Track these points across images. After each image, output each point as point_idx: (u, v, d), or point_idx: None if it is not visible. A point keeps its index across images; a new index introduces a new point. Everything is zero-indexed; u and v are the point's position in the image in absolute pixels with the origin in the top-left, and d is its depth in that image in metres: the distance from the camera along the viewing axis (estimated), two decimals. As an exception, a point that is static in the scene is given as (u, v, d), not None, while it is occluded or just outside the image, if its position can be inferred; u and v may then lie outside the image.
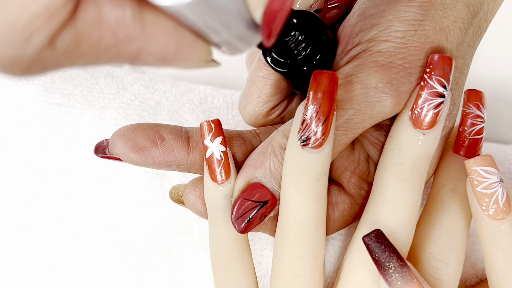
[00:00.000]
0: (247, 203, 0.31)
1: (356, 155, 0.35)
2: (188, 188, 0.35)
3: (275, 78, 0.34)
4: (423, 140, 0.30)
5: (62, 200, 0.42)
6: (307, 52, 0.31)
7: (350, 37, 0.31)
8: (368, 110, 0.30)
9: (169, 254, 0.42)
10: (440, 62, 0.29)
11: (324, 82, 0.28)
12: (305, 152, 0.29)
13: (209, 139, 0.32)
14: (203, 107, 0.43)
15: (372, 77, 0.29)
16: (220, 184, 0.32)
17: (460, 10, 0.30)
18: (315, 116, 0.28)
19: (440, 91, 0.29)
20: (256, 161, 0.32)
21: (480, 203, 0.30)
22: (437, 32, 0.30)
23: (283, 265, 0.32)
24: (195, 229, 0.41)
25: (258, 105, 0.35)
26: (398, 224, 0.31)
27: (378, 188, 0.31)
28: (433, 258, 0.32)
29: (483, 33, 0.33)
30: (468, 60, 0.32)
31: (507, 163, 0.41)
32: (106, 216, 0.42)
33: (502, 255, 0.31)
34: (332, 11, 0.35)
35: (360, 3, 0.32)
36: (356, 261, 0.32)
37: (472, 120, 0.33)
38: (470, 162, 0.30)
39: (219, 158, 0.32)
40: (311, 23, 0.31)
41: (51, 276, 0.41)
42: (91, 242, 0.42)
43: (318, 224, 0.31)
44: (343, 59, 0.31)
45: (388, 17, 0.30)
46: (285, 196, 0.31)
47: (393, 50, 0.30)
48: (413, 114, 0.30)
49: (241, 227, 0.31)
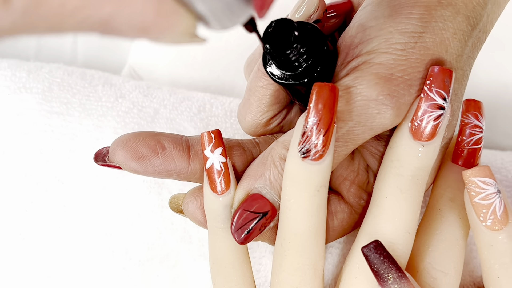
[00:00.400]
0: (247, 214, 0.31)
1: (355, 164, 0.36)
2: (188, 197, 0.35)
3: (274, 88, 0.34)
4: (422, 151, 0.30)
5: (61, 208, 0.42)
6: (308, 64, 0.31)
7: (350, 49, 0.31)
8: (369, 122, 0.30)
9: (168, 262, 0.42)
10: (440, 74, 0.29)
11: (325, 95, 0.28)
12: (305, 164, 0.29)
13: (209, 149, 0.32)
14: (202, 115, 0.43)
15: (373, 89, 0.30)
16: (220, 195, 0.32)
17: (460, 22, 0.31)
18: (316, 128, 0.29)
19: (440, 103, 0.30)
20: (256, 171, 0.32)
21: (477, 213, 0.30)
22: (437, 44, 0.30)
23: (283, 276, 0.32)
24: (194, 238, 0.42)
25: (257, 115, 0.35)
26: (397, 235, 0.31)
27: (377, 199, 0.32)
28: (431, 268, 0.32)
29: (482, 44, 0.33)
30: (467, 71, 0.32)
31: (504, 170, 0.42)
32: (105, 224, 0.42)
33: (499, 265, 0.31)
34: (331, 21, 0.35)
35: (360, 15, 0.32)
36: (355, 271, 0.32)
37: (470, 130, 0.33)
38: (468, 173, 0.31)
39: (219, 169, 0.32)
40: (312, 35, 0.31)
41: (50, 284, 0.41)
42: (90, 250, 0.42)
43: (318, 235, 0.31)
44: (343, 71, 0.31)
45: (389, 29, 0.30)
46: (285, 208, 0.31)
47: (393, 62, 0.30)
48: (413, 126, 0.30)
49: (241, 238, 0.31)
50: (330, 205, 0.35)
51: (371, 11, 0.31)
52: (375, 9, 0.31)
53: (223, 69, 0.52)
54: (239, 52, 0.51)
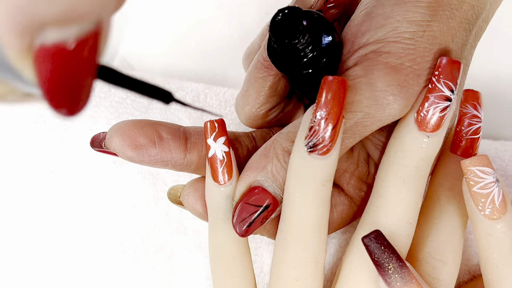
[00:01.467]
0: (248, 207, 0.31)
1: (355, 156, 0.35)
2: (187, 189, 0.34)
3: (273, 80, 0.34)
4: (427, 142, 0.30)
5: (54, 200, 0.41)
6: (314, 54, 0.30)
7: (357, 37, 0.31)
8: (378, 113, 0.30)
9: (163, 254, 0.41)
10: (449, 65, 0.29)
11: (334, 88, 0.28)
12: (311, 158, 0.29)
13: (212, 138, 0.32)
14: (196, 105, 0.42)
15: (383, 80, 0.29)
16: (222, 185, 0.32)
17: (466, 11, 0.30)
18: (324, 122, 0.28)
19: (447, 94, 0.29)
20: (258, 163, 0.32)
21: (476, 203, 0.30)
22: (444, 33, 0.30)
23: (284, 269, 0.32)
24: (189, 229, 0.41)
25: (255, 106, 0.35)
26: (398, 226, 0.31)
27: (380, 189, 0.31)
28: (431, 257, 0.33)
29: (482, 33, 0.33)
30: (469, 60, 0.32)
31: (498, 159, 0.42)
32: (99, 216, 0.41)
33: (498, 254, 0.31)
34: (331, 11, 0.34)
35: (365, 3, 0.32)
36: (356, 261, 0.32)
37: (469, 120, 0.33)
38: (467, 162, 0.31)
39: (221, 159, 0.32)
40: (319, 25, 0.31)
41: (43, 277, 0.41)
42: (84, 242, 0.41)
43: (321, 229, 0.31)
44: (350, 60, 0.31)
45: (396, 17, 0.30)
46: (288, 201, 0.30)
47: (403, 52, 0.29)
48: (419, 117, 0.30)
49: (242, 231, 0.31)
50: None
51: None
52: None
53: (215, 59, 0.51)
54: (231, 42, 0.51)
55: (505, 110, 0.50)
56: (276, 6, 0.50)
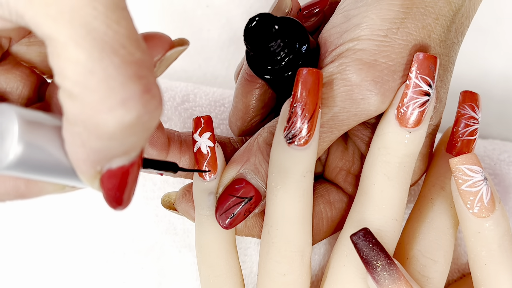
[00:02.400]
0: (232, 199, 0.32)
1: (350, 154, 0.36)
2: (180, 194, 0.35)
3: (259, 92, 0.35)
4: (409, 138, 0.30)
5: (43, 201, 0.41)
6: (290, 57, 0.31)
7: (335, 38, 0.32)
8: (353, 107, 0.30)
9: (153, 254, 0.41)
10: (425, 60, 0.30)
11: (309, 80, 0.29)
12: (291, 150, 0.30)
13: (197, 133, 0.33)
14: (186, 105, 0.42)
15: (357, 75, 0.30)
16: (206, 180, 0.32)
17: (441, 8, 0.31)
18: (301, 114, 0.29)
19: (425, 89, 0.30)
20: (242, 157, 0.33)
21: (464, 201, 0.31)
22: (419, 29, 0.30)
23: (270, 264, 0.32)
24: (178, 229, 0.41)
25: (246, 120, 0.36)
26: (385, 222, 0.31)
27: (365, 187, 0.32)
28: (421, 255, 0.33)
29: (466, 29, 0.33)
30: (453, 57, 0.33)
31: (487, 158, 0.42)
32: (88, 217, 0.41)
33: (486, 252, 0.31)
34: (311, 19, 0.35)
35: (343, 6, 0.33)
36: (344, 259, 0.32)
37: (466, 121, 0.33)
38: (455, 160, 0.31)
39: (205, 153, 0.32)
40: (292, 28, 0.32)
41: (32, 277, 0.41)
42: (73, 243, 0.41)
43: (305, 221, 0.31)
44: (327, 58, 0.31)
45: (371, 16, 0.31)
46: (271, 194, 0.31)
47: (377, 48, 0.30)
48: (399, 113, 0.30)
49: (225, 223, 0.32)
50: (328, 195, 0.35)
51: (354, 1, 0.32)
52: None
53: (204, 58, 0.51)
54: (220, 41, 0.51)
55: (493, 109, 0.51)
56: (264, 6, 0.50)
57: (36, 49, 0.26)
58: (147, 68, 0.21)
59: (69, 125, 0.21)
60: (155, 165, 0.28)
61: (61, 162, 0.23)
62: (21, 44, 0.26)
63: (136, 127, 0.21)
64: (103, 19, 0.20)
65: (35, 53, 0.26)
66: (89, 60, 0.19)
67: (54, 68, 0.20)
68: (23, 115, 0.22)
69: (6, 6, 0.20)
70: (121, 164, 0.22)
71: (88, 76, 0.20)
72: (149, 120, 0.21)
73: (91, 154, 0.21)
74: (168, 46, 0.26)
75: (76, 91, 0.20)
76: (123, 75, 0.20)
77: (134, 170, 0.23)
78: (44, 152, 0.22)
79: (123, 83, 0.20)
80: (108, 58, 0.20)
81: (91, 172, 0.22)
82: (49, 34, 0.20)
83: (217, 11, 0.49)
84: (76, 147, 0.21)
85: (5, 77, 0.26)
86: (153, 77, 0.21)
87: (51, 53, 0.20)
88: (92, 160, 0.22)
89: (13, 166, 0.21)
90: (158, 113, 0.21)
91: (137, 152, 0.23)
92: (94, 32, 0.19)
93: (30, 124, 0.22)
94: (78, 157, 0.22)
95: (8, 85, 0.26)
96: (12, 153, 0.21)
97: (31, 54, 0.26)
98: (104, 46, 0.20)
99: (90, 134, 0.21)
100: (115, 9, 0.20)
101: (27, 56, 0.26)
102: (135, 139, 0.21)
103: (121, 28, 0.20)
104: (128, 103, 0.20)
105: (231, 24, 0.51)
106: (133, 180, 0.23)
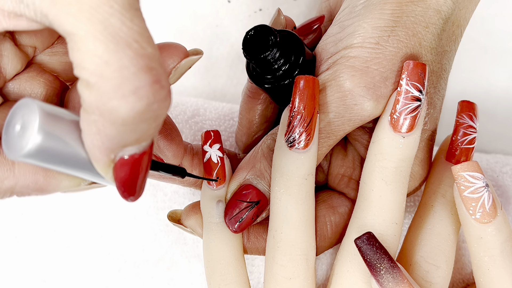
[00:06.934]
0: (240, 204, 0.33)
1: (350, 160, 0.37)
2: (187, 209, 0.36)
3: (261, 108, 0.37)
4: (403, 143, 0.32)
5: (56, 211, 0.42)
6: (287, 67, 0.33)
7: (330, 47, 0.33)
8: (347, 113, 0.32)
9: (163, 264, 0.42)
10: (415, 68, 0.31)
11: (306, 86, 0.31)
12: (292, 153, 0.31)
13: (208, 145, 0.34)
14: (196, 119, 0.43)
15: (349, 82, 0.31)
16: (215, 189, 0.34)
17: (431, 16, 0.32)
18: (300, 118, 0.31)
19: (416, 95, 0.31)
20: (248, 164, 0.34)
21: (467, 207, 0.31)
22: (410, 37, 0.32)
23: (276, 268, 0.33)
24: (188, 239, 0.42)
25: (250, 135, 0.38)
26: (385, 226, 0.32)
27: (364, 192, 0.33)
28: (424, 261, 0.33)
29: (458, 38, 0.35)
30: (446, 65, 0.34)
31: (490, 170, 0.43)
32: (100, 226, 0.42)
33: (489, 257, 0.32)
34: (308, 37, 0.37)
35: (339, 18, 0.34)
36: (347, 264, 0.33)
37: (464, 130, 0.34)
38: (457, 168, 0.32)
39: (215, 162, 0.34)
40: (288, 39, 0.33)
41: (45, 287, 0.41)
42: (85, 253, 0.42)
43: (308, 224, 0.33)
44: (322, 66, 0.33)
45: (363, 25, 0.32)
46: (275, 199, 0.32)
47: (369, 56, 0.32)
48: (392, 119, 0.31)
49: (235, 227, 0.33)
50: (331, 200, 0.37)
51: (348, 12, 0.33)
52: (351, 10, 0.33)
53: (213, 76, 0.53)
54: (229, 60, 0.52)
55: (496, 125, 0.51)
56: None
57: (58, 58, 0.28)
58: (157, 61, 0.22)
59: (86, 114, 0.23)
60: (164, 168, 0.30)
61: (78, 154, 0.24)
62: (44, 54, 0.28)
63: (147, 114, 0.22)
64: (119, 16, 0.21)
65: (57, 62, 0.28)
66: (106, 52, 0.21)
67: (74, 61, 0.22)
68: (44, 108, 0.23)
69: (32, 6, 0.22)
70: (132, 153, 0.24)
71: (104, 67, 0.21)
72: (159, 108, 0.23)
73: (105, 141, 0.23)
74: (183, 55, 0.28)
75: (93, 80, 0.22)
76: (135, 66, 0.22)
77: (145, 160, 0.24)
78: (62, 143, 0.23)
79: (135, 73, 0.22)
80: (123, 51, 0.21)
81: (105, 160, 0.24)
82: (70, 30, 0.21)
83: (226, 31, 0.51)
84: (92, 135, 0.23)
85: (30, 83, 0.28)
86: (163, 71, 0.23)
87: (71, 48, 0.22)
88: (106, 147, 0.23)
89: (33, 154, 0.23)
90: (167, 103, 0.23)
91: (148, 142, 0.24)
92: (110, 27, 0.21)
93: (50, 116, 0.23)
94: (94, 144, 0.23)
95: (33, 91, 0.28)
96: (32, 142, 0.23)
97: (54, 63, 0.28)
98: (119, 40, 0.21)
99: (105, 120, 0.22)
100: (129, 8, 0.22)
101: (50, 65, 0.28)
102: (145, 126, 0.23)
103: (135, 25, 0.22)
104: (139, 91, 0.22)
105: (239, 43, 0.52)
106: (144, 170, 0.25)
